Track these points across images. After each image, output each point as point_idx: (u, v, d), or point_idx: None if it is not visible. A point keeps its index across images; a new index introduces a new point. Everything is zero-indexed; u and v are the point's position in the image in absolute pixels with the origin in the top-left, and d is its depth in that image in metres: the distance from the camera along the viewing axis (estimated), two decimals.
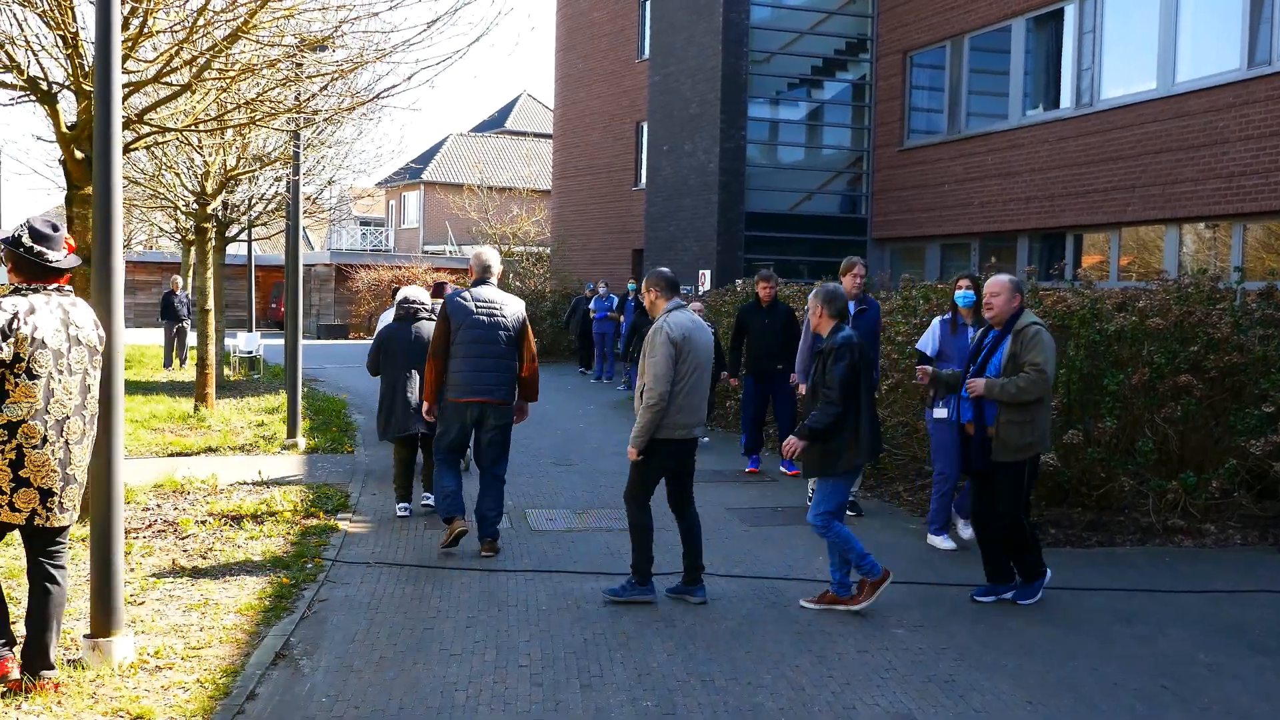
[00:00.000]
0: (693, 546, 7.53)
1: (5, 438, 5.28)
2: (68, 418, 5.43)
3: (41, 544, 5.56)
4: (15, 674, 5.50)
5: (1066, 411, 9.65)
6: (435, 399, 8.60)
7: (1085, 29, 17.88)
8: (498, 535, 8.64)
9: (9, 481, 5.30)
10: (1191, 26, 16.03)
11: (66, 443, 5.43)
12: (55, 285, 5.57)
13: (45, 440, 5.34)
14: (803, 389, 10.01)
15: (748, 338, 12.36)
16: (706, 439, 13.80)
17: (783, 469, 12.09)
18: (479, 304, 8.46)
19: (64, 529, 5.59)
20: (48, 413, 5.35)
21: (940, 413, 8.73)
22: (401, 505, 10.00)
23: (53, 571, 5.57)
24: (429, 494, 10.08)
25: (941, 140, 21.43)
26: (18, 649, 5.62)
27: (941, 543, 9.01)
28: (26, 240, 5.50)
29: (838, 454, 7.15)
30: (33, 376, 5.31)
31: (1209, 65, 15.55)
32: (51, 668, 5.53)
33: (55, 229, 5.61)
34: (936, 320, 9.23)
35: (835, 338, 7.19)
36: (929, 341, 9.12)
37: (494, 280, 8.71)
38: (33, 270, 5.51)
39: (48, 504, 5.40)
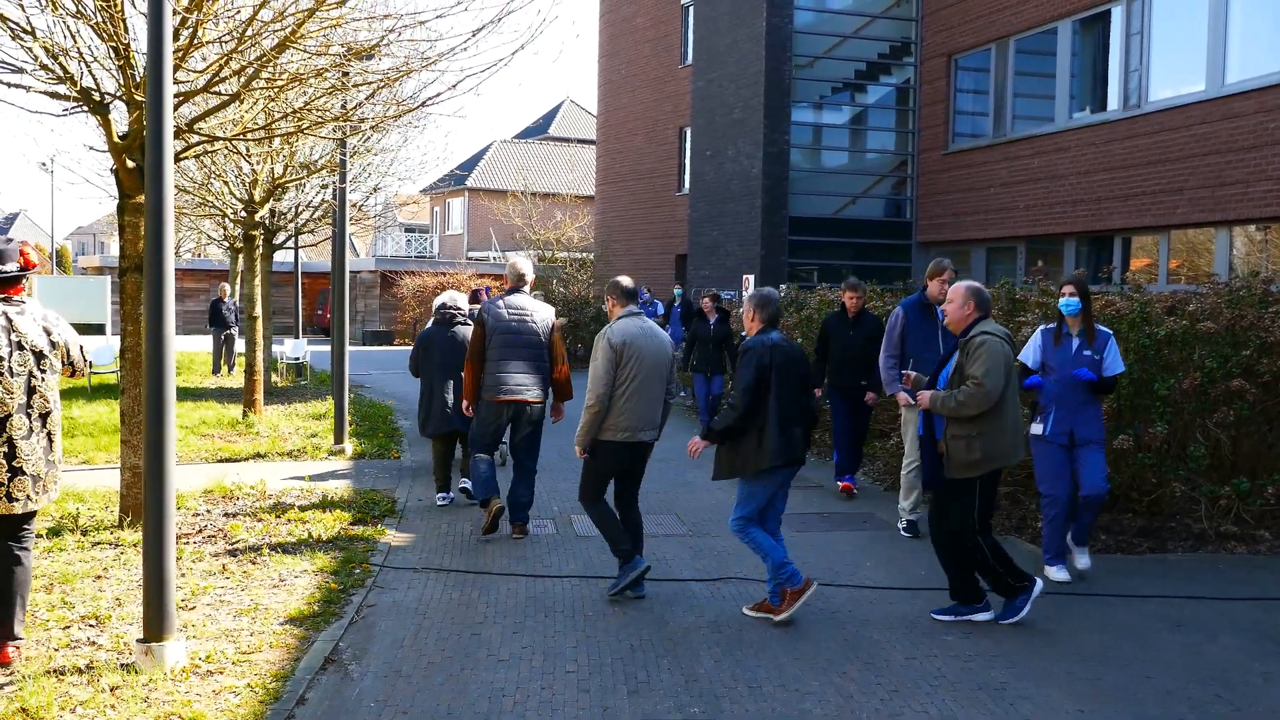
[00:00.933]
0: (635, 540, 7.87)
1: None
2: (10, 416, 5.83)
3: (2, 533, 5.98)
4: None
5: (1117, 416, 9.54)
6: (474, 398, 9.29)
7: (1133, 30, 17.70)
8: (528, 519, 9.43)
9: None
10: (1241, 27, 15.83)
11: (10, 439, 5.83)
12: (3, 295, 5.99)
13: None
14: (904, 399, 9.29)
15: (830, 350, 11.36)
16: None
17: (838, 481, 11.50)
18: (511, 310, 9.14)
19: (26, 516, 6.03)
20: None
21: (1036, 428, 8.13)
22: (441, 495, 10.75)
23: (17, 553, 6.03)
24: (466, 479, 10.68)
25: (987, 143, 21.28)
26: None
27: (1056, 573, 8.07)
28: None
29: (744, 456, 7.07)
30: None
31: (1259, 66, 15.34)
32: (14, 638, 6.02)
33: (8, 242, 6.04)
34: (1039, 330, 8.41)
35: (748, 339, 7.17)
36: (1030, 353, 8.21)
37: (527, 288, 9.38)
38: None
39: None
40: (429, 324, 11.12)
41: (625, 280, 7.92)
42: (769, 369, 6.97)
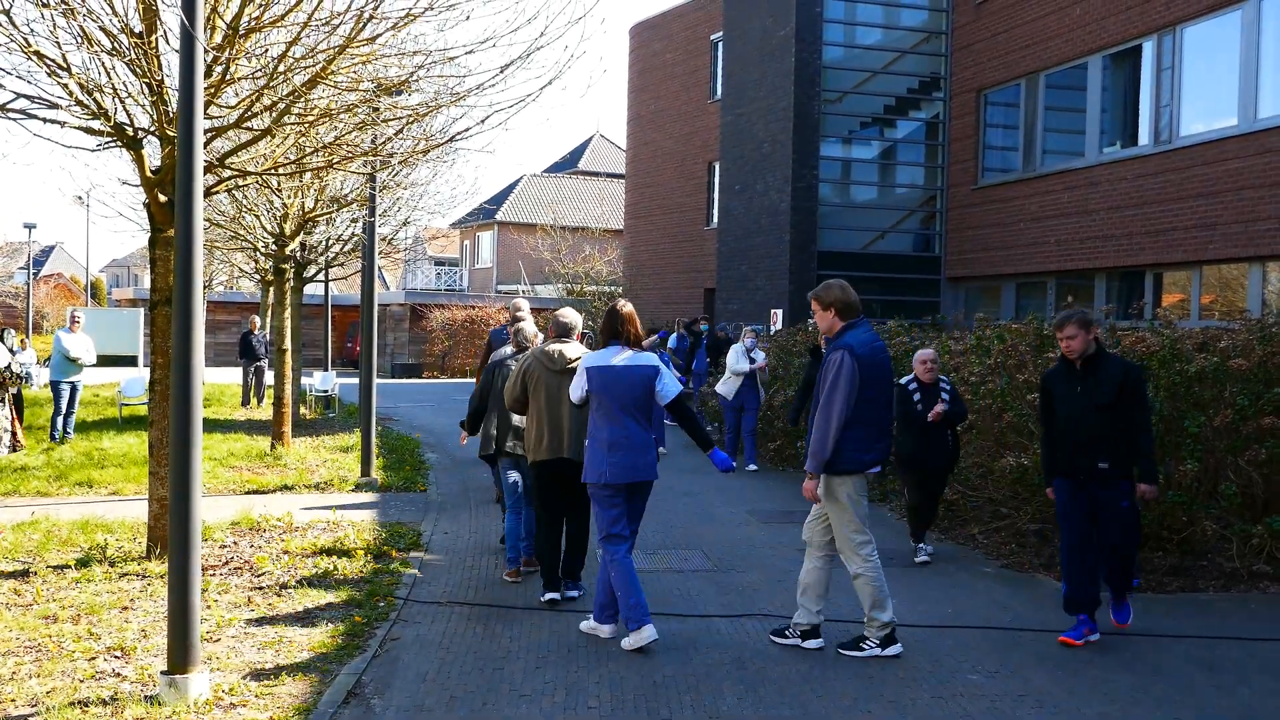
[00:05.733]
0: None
1: None
2: None
3: None
4: None
5: None
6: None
7: (1164, 65, 17.66)
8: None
9: None
10: (1273, 62, 15.77)
11: None
12: None
13: None
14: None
15: (1054, 418, 7.67)
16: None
17: (1114, 620, 7.84)
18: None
19: None
20: None
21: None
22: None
23: None
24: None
25: (1016, 178, 21.24)
26: None
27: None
28: None
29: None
30: None
31: None
32: None
33: None
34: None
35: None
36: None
37: (528, 319, 10.10)
38: None
39: None
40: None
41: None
42: (489, 383, 9.09)
